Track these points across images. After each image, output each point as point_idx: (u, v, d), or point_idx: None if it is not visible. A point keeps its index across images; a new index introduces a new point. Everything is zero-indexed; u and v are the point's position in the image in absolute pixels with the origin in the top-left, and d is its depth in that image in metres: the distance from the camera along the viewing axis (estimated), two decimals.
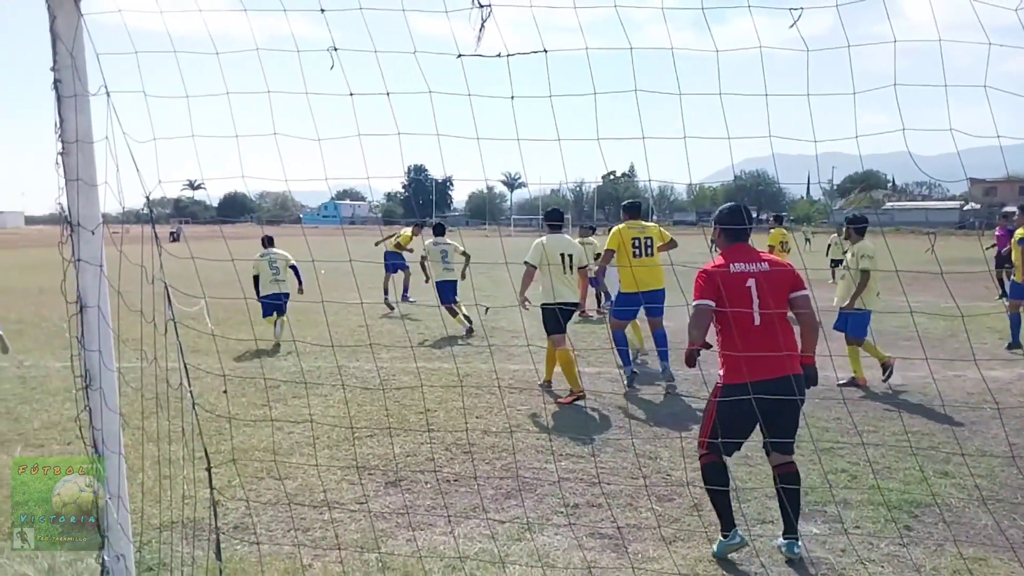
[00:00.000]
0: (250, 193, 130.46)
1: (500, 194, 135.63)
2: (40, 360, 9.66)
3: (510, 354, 9.69)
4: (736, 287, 4.04)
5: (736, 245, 4.24)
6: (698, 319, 4.04)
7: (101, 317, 3.60)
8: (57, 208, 3.53)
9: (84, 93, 3.36)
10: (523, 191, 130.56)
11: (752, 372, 3.91)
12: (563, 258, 7.67)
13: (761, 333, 4.04)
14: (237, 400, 7.44)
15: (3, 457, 5.80)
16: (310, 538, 4.41)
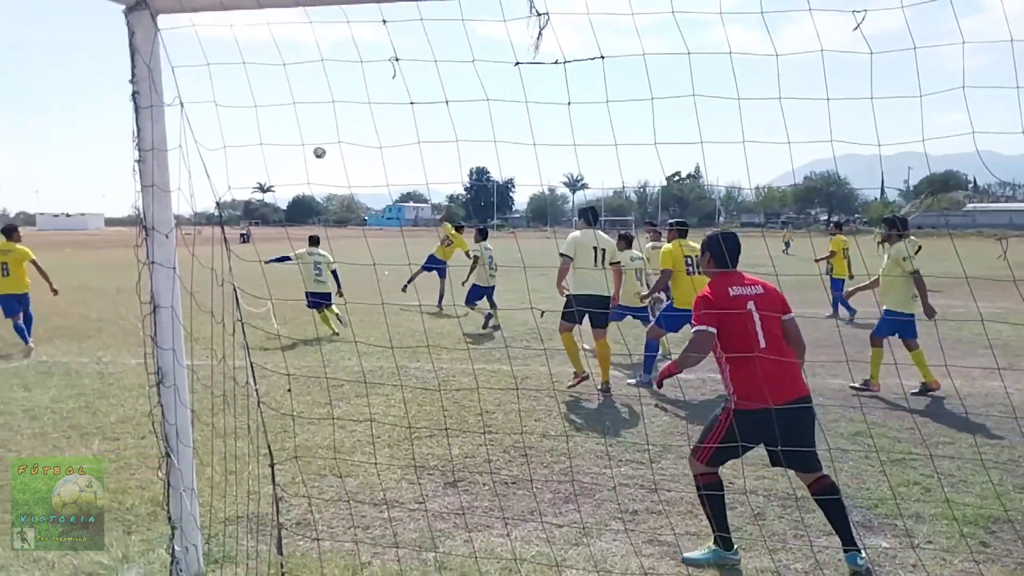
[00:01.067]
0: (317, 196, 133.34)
1: (562, 195, 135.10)
2: (117, 357, 10.08)
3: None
4: (739, 312, 4.00)
5: (727, 274, 4.19)
6: (700, 345, 3.99)
7: (174, 317, 3.75)
8: (134, 211, 3.69)
9: (160, 104, 3.51)
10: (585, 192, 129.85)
11: (769, 396, 3.84)
12: (595, 252, 8.01)
13: (769, 356, 3.98)
14: (302, 398, 7.62)
15: (83, 450, 6.08)
16: (369, 536, 4.49)
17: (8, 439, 6.38)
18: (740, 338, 3.97)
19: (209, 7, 3.36)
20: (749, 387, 3.90)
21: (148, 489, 5.14)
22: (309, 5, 3.25)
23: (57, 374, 9.00)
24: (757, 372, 3.89)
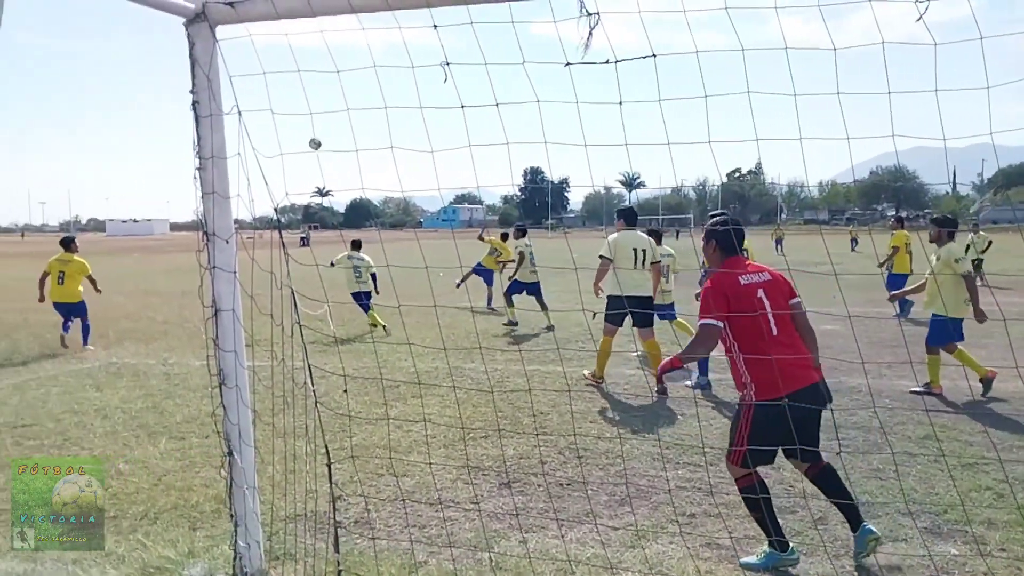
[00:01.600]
0: (374, 200, 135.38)
1: (618, 194, 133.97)
2: (182, 359, 10.40)
3: (625, 359, 9.58)
4: (749, 299, 3.94)
5: (734, 258, 4.14)
6: (706, 339, 3.92)
7: (235, 320, 3.85)
8: (196, 217, 3.81)
9: (219, 113, 3.60)
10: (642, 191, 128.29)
11: (787, 384, 3.80)
12: (635, 253, 8.13)
13: (782, 343, 3.93)
14: (360, 399, 7.74)
15: (150, 448, 6.29)
16: (425, 535, 4.53)
17: (82, 437, 6.64)
18: (752, 328, 3.90)
19: (265, 17, 3.43)
20: (767, 377, 3.83)
21: (212, 487, 5.28)
22: (362, 12, 3.30)
23: (126, 375, 9.33)
24: (768, 364, 3.82)
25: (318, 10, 3.31)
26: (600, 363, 8.23)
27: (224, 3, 3.44)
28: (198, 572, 3.99)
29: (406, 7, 3.28)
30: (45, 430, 6.88)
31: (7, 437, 6.65)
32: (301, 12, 3.36)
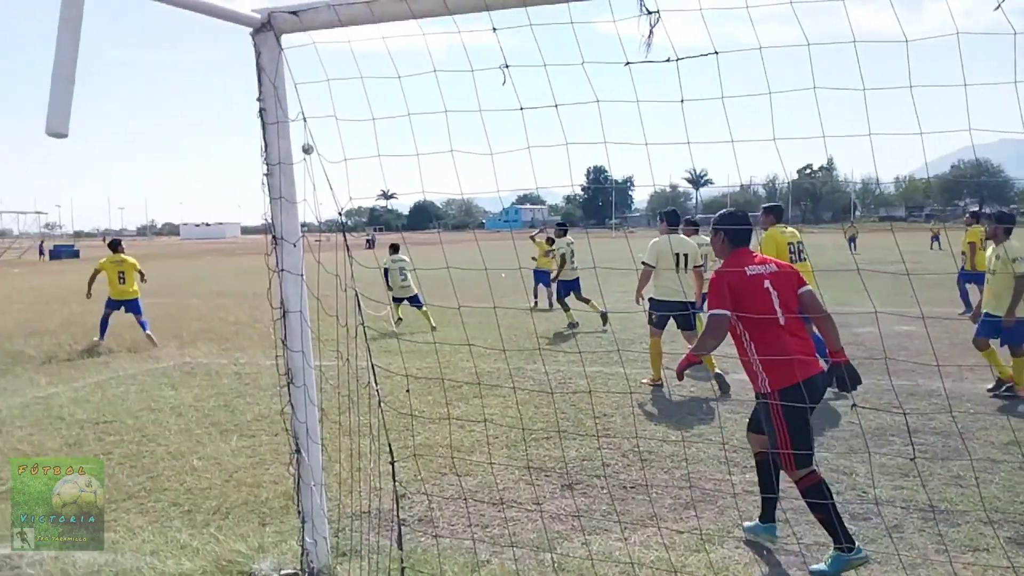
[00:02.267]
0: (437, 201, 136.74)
1: (684, 192, 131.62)
2: (253, 358, 10.70)
3: None
4: (757, 290, 4.02)
5: (741, 249, 4.22)
6: (717, 329, 3.98)
7: (302, 320, 3.95)
8: (265, 221, 3.91)
9: (285, 120, 3.70)
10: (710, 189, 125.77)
11: (801, 372, 3.90)
12: (677, 257, 8.21)
13: (790, 333, 4.01)
14: (422, 399, 7.82)
15: (222, 445, 6.49)
16: (488, 535, 4.55)
17: (158, 434, 6.90)
18: (761, 319, 3.95)
19: (328, 25, 3.50)
20: (781, 366, 3.90)
21: (281, 484, 5.42)
22: (422, 17, 3.34)
23: (199, 374, 9.65)
24: (786, 349, 3.91)
25: (380, 16, 3.37)
26: (654, 365, 8.31)
27: (289, 12, 3.53)
28: (267, 567, 4.10)
29: (465, 11, 3.30)
30: (124, 426, 7.17)
31: (90, 433, 6.95)
32: (363, 19, 3.42)
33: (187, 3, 3.25)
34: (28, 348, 11.94)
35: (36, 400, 8.37)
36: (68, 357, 11.13)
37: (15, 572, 4.18)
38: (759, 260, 4.19)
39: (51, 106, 2.64)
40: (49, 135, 2.66)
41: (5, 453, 6.36)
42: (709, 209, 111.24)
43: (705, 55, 2.89)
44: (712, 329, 3.98)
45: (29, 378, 9.60)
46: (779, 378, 3.91)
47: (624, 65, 3.06)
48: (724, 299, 3.98)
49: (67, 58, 2.67)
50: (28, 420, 7.47)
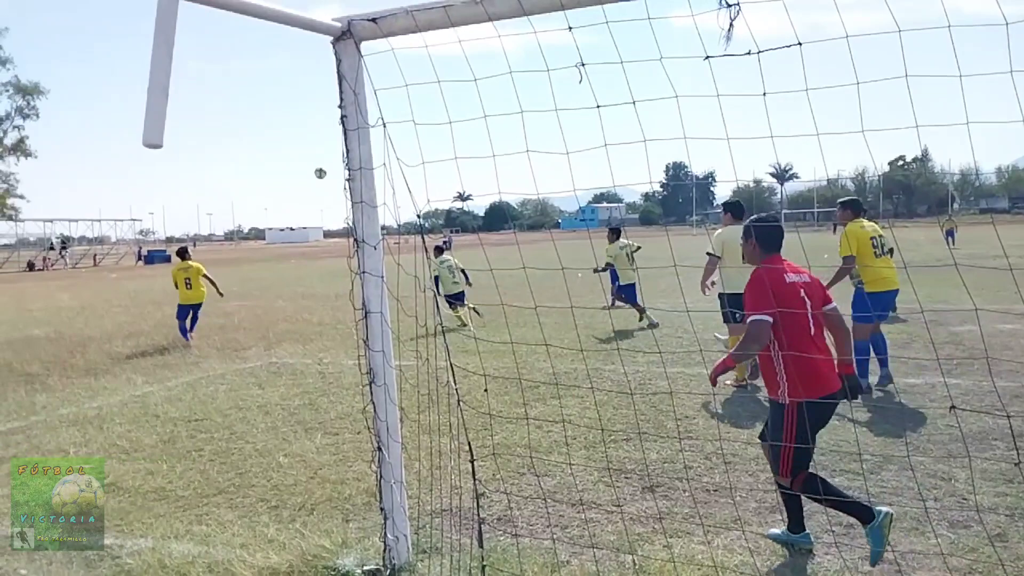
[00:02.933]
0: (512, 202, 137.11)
1: (769, 187, 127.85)
2: (336, 358, 10.97)
3: None
4: (794, 298, 3.94)
5: (774, 256, 4.14)
6: (759, 335, 3.83)
7: (383, 321, 4.02)
8: (346, 225, 4.01)
9: (365, 126, 3.77)
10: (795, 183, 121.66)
11: (822, 387, 3.90)
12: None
13: (817, 346, 3.99)
14: (500, 398, 7.86)
15: (307, 443, 6.67)
16: (567, 535, 4.53)
17: (246, 431, 7.15)
18: (795, 327, 3.89)
19: (406, 30, 3.56)
20: (806, 378, 3.85)
21: (364, 481, 5.53)
22: (498, 19, 3.35)
23: (285, 374, 9.96)
24: (813, 362, 3.86)
25: (456, 20, 3.40)
26: None
27: (368, 19, 3.60)
28: (351, 562, 4.18)
29: (541, 11, 3.30)
30: (214, 424, 7.46)
31: (182, 430, 7.26)
32: (440, 23, 3.46)
33: (271, 15, 3.35)
34: (126, 349, 12.57)
35: (133, 398, 8.80)
36: (162, 357, 11.67)
37: (115, 561, 4.39)
38: (793, 268, 4.14)
39: (147, 118, 2.76)
40: (146, 146, 2.78)
41: (106, 448, 6.72)
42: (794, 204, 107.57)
43: (788, 46, 2.80)
44: (756, 335, 3.83)
45: (127, 378, 10.10)
46: (801, 390, 3.85)
47: (704, 59, 3.00)
48: (767, 302, 3.84)
49: (161, 73, 2.79)
50: (126, 417, 7.86)
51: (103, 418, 7.86)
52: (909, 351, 9.57)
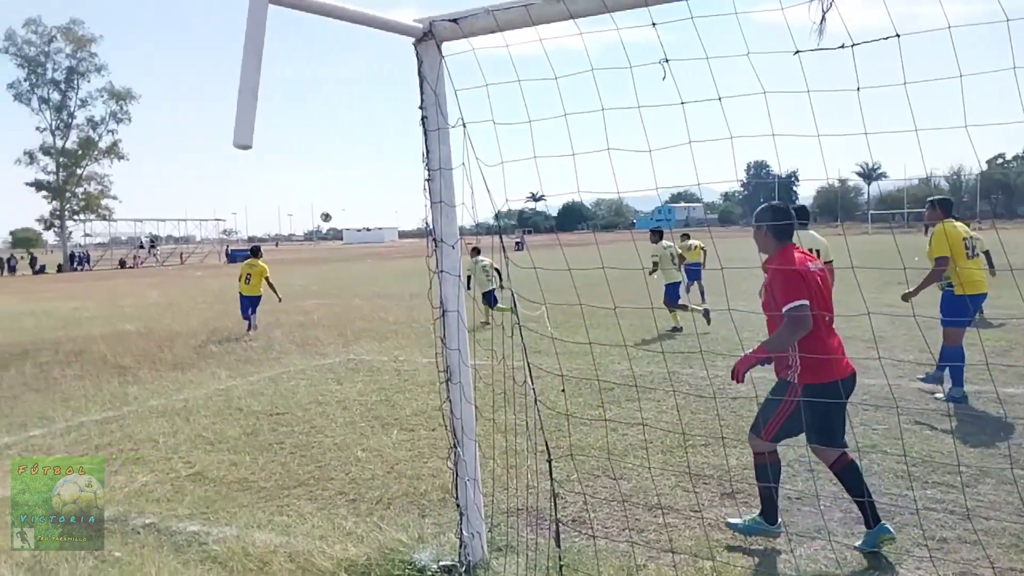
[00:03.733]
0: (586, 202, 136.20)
1: (855, 187, 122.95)
2: (411, 356, 11.13)
3: (864, 367, 8.77)
4: (815, 286, 3.99)
5: (788, 244, 4.14)
6: (803, 321, 3.84)
7: (459, 320, 4.04)
8: (422, 225, 4.04)
9: (445, 126, 3.80)
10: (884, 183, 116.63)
11: (838, 370, 3.97)
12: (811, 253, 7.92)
13: (832, 332, 4.08)
14: (574, 400, 7.81)
15: (384, 438, 6.78)
16: (644, 539, 4.47)
17: (325, 425, 7.31)
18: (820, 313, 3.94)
19: (487, 30, 3.57)
20: (818, 364, 3.90)
21: (439, 477, 5.59)
22: (579, 17, 3.32)
23: (362, 370, 10.15)
24: (827, 347, 3.93)
25: (537, 19, 3.39)
26: None
27: (449, 20, 3.62)
28: (427, 557, 4.22)
29: (624, 8, 3.26)
30: (295, 418, 7.67)
31: (264, 423, 7.49)
32: (521, 22, 3.45)
33: (356, 17, 3.41)
34: (211, 344, 13.05)
35: (218, 392, 9.13)
36: (244, 353, 12.06)
37: (202, 548, 4.55)
38: (809, 257, 4.20)
39: (237, 120, 2.84)
40: (236, 147, 2.87)
41: (192, 439, 6.98)
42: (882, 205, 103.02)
43: (885, 39, 2.68)
44: (796, 323, 3.83)
45: (212, 372, 10.48)
46: (811, 375, 3.94)
47: (793, 54, 2.90)
48: (801, 289, 3.88)
49: (251, 76, 2.87)
50: (211, 410, 8.16)
51: (190, 410, 8.17)
52: (1008, 359, 9.08)
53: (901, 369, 7.58)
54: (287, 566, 4.23)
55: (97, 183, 68.37)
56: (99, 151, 67.28)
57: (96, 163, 67.85)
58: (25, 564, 4.29)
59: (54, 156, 65.70)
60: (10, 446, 6.98)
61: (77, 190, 67.13)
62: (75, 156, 66.35)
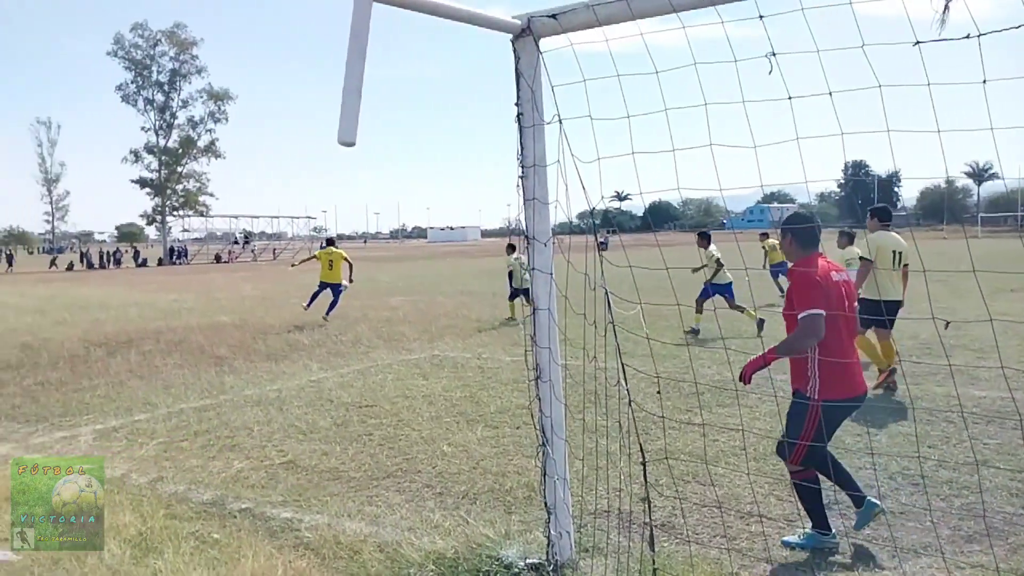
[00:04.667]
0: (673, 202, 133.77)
1: (963, 188, 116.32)
2: (494, 354, 11.19)
3: (974, 377, 8.33)
4: (839, 296, 3.96)
5: (813, 253, 4.10)
6: (815, 328, 3.82)
7: (550, 318, 4.02)
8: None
9: (540, 123, 3.78)
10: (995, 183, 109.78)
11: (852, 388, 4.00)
12: (894, 255, 8.18)
13: (851, 346, 4.07)
14: (664, 402, 7.68)
15: (469, 434, 6.82)
16: (737, 546, 4.34)
17: (412, 419, 7.43)
18: (837, 324, 3.89)
19: (586, 25, 3.53)
20: (840, 378, 3.90)
21: (524, 475, 5.58)
22: (682, 10, 3.25)
23: (447, 367, 10.27)
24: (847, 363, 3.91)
25: (639, 13, 3.33)
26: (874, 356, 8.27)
27: (547, 16, 3.60)
28: (514, 554, 4.21)
29: (729, 0, 3.17)
30: (383, 411, 7.81)
31: (354, 415, 7.66)
32: (621, 17, 3.40)
33: (455, 14, 3.43)
34: (302, 337, 13.45)
35: (309, 383, 9.40)
36: (334, 346, 12.38)
37: (294, 534, 4.68)
38: (834, 266, 4.14)
39: (342, 118, 2.90)
40: (340, 144, 2.92)
41: (285, 428, 7.21)
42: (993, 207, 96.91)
43: (1017, 27, 2.51)
44: (810, 329, 3.82)
45: (303, 364, 10.80)
46: (830, 389, 3.90)
47: (913, 45, 2.76)
48: (818, 298, 3.85)
49: (355, 74, 2.92)
50: (303, 400, 8.40)
51: (283, 400, 8.44)
52: None
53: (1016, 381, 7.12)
54: (376, 556, 4.30)
55: (195, 180, 71.47)
56: (198, 150, 70.35)
57: (195, 161, 71.03)
58: (132, 541, 4.52)
59: (157, 155, 69.09)
60: (117, 429, 7.37)
61: (177, 187, 70.32)
62: (176, 155, 69.58)
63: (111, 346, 12.93)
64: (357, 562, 4.25)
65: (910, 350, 10.29)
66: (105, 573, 4.10)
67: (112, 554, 4.30)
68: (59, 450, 6.67)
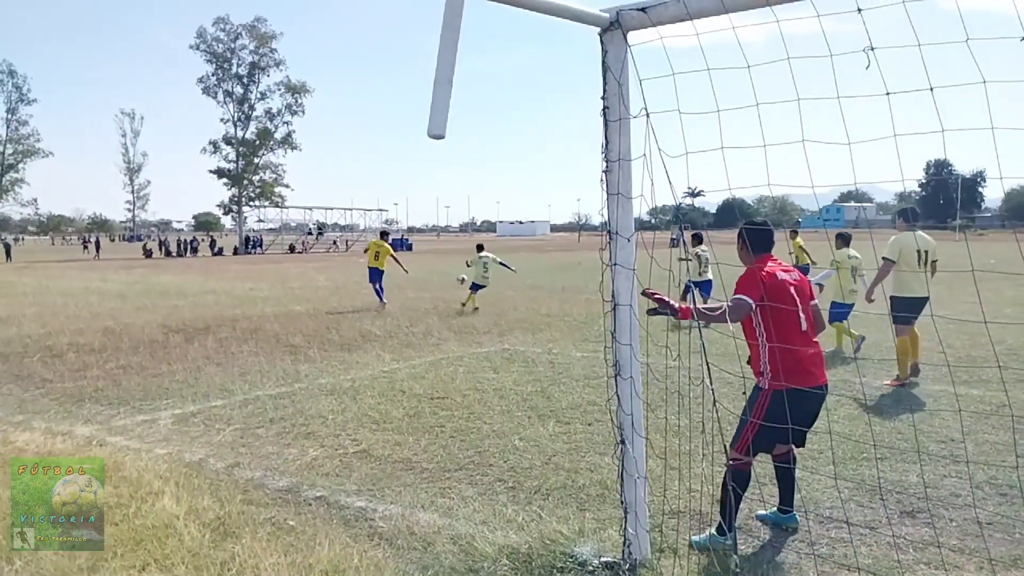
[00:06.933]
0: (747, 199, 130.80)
1: None
2: (564, 349, 11.16)
3: None
4: (784, 294, 4.18)
5: (764, 256, 4.36)
6: (738, 311, 4.03)
7: (631, 315, 3.98)
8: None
9: (627, 117, 3.74)
10: None
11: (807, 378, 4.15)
12: (919, 254, 8.33)
13: (806, 339, 4.24)
14: (736, 403, 7.52)
15: (541, 429, 6.83)
16: (816, 552, 4.23)
17: (483, 412, 7.47)
18: (786, 320, 4.14)
19: (676, 19, 3.48)
20: (790, 369, 4.07)
21: (596, 472, 5.56)
22: (777, 4, 3.17)
23: (517, 361, 10.30)
24: (798, 354, 4.11)
25: (731, 6, 3.27)
26: (901, 362, 8.40)
27: (637, 9, 3.56)
28: (588, 551, 4.21)
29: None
30: (454, 403, 7.88)
31: (426, 406, 7.75)
32: (713, 10, 3.34)
33: (543, 7, 3.43)
34: (375, 328, 13.68)
35: (382, 374, 9.56)
36: (406, 337, 12.56)
37: (369, 523, 4.76)
38: (785, 268, 4.38)
39: (433, 110, 2.93)
40: (430, 137, 2.96)
41: (359, 418, 7.34)
42: None
43: None
44: (734, 309, 4.02)
45: (376, 354, 10.99)
46: (781, 379, 4.06)
47: (1021, 40, 2.62)
48: (755, 290, 4.09)
49: (447, 66, 2.95)
50: (376, 390, 8.55)
51: (356, 390, 8.61)
52: None
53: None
54: (450, 548, 4.34)
55: (272, 172, 73.35)
56: (275, 141, 72.14)
57: (271, 153, 72.81)
58: (210, 524, 4.65)
59: (234, 146, 71.20)
60: (195, 414, 7.63)
61: (254, 178, 72.30)
62: (253, 146, 71.54)
63: (189, 332, 13.41)
64: (431, 554, 4.29)
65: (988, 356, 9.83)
66: (185, 555, 4.22)
67: (192, 536, 4.43)
68: (140, 433, 6.93)
